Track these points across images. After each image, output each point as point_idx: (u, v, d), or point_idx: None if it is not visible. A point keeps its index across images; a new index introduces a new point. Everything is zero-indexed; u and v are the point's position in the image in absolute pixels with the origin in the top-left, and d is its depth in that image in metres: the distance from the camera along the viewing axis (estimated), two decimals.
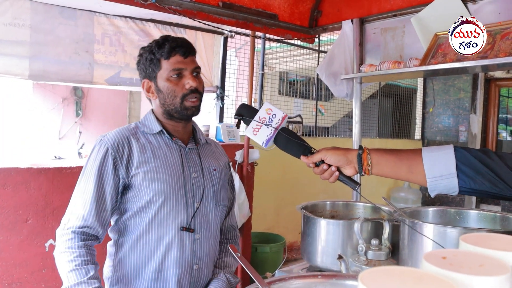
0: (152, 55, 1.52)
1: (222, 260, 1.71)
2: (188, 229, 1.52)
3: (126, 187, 1.51)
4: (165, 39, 1.53)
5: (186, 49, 1.52)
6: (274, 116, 1.34)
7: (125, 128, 1.58)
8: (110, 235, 1.58)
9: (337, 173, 1.30)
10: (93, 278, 1.39)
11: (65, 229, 1.44)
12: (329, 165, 1.29)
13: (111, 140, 1.51)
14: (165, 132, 1.58)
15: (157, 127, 1.57)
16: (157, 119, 1.59)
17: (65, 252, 1.41)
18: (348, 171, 1.30)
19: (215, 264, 1.68)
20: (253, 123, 1.35)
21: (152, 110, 1.63)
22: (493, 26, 1.85)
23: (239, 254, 1.11)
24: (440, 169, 1.18)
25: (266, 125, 1.33)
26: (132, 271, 1.51)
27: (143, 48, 1.60)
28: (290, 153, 1.36)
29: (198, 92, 1.54)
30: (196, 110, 1.56)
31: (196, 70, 1.55)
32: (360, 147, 1.29)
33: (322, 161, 1.30)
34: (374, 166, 1.27)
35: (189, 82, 1.51)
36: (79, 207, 1.45)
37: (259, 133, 1.34)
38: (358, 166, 1.28)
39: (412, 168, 1.23)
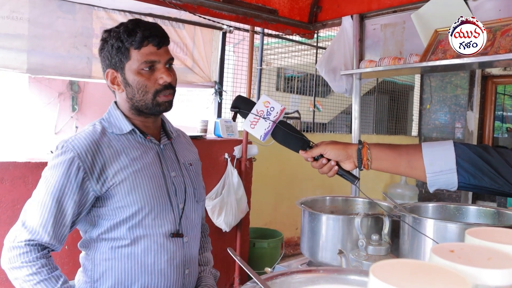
0: (120, 43, 1.31)
1: (204, 256, 1.64)
2: (177, 234, 1.39)
3: (100, 200, 1.32)
4: (136, 24, 1.32)
5: (160, 39, 1.33)
6: (272, 109, 1.30)
7: (91, 131, 1.35)
8: (82, 248, 1.42)
9: (336, 167, 1.29)
10: (65, 283, 1.26)
11: (17, 242, 1.25)
12: (328, 160, 1.29)
13: (79, 148, 1.28)
14: (137, 131, 1.39)
15: (128, 126, 1.38)
16: (125, 115, 1.40)
17: (23, 267, 1.23)
18: (347, 165, 1.30)
19: (198, 262, 1.58)
20: (250, 116, 1.30)
21: (116, 103, 1.43)
22: (493, 22, 1.86)
23: (239, 258, 1.03)
24: (440, 165, 1.18)
25: (264, 118, 1.29)
26: (117, 286, 1.35)
27: (107, 31, 1.36)
28: (288, 147, 1.33)
29: (171, 88, 1.37)
30: (169, 105, 1.39)
31: (170, 62, 1.38)
32: (360, 142, 1.29)
33: (321, 155, 1.29)
34: (373, 161, 1.27)
35: (162, 77, 1.33)
36: (35, 220, 1.25)
37: (256, 127, 1.30)
38: (357, 160, 1.27)
39: (411, 163, 1.24)
